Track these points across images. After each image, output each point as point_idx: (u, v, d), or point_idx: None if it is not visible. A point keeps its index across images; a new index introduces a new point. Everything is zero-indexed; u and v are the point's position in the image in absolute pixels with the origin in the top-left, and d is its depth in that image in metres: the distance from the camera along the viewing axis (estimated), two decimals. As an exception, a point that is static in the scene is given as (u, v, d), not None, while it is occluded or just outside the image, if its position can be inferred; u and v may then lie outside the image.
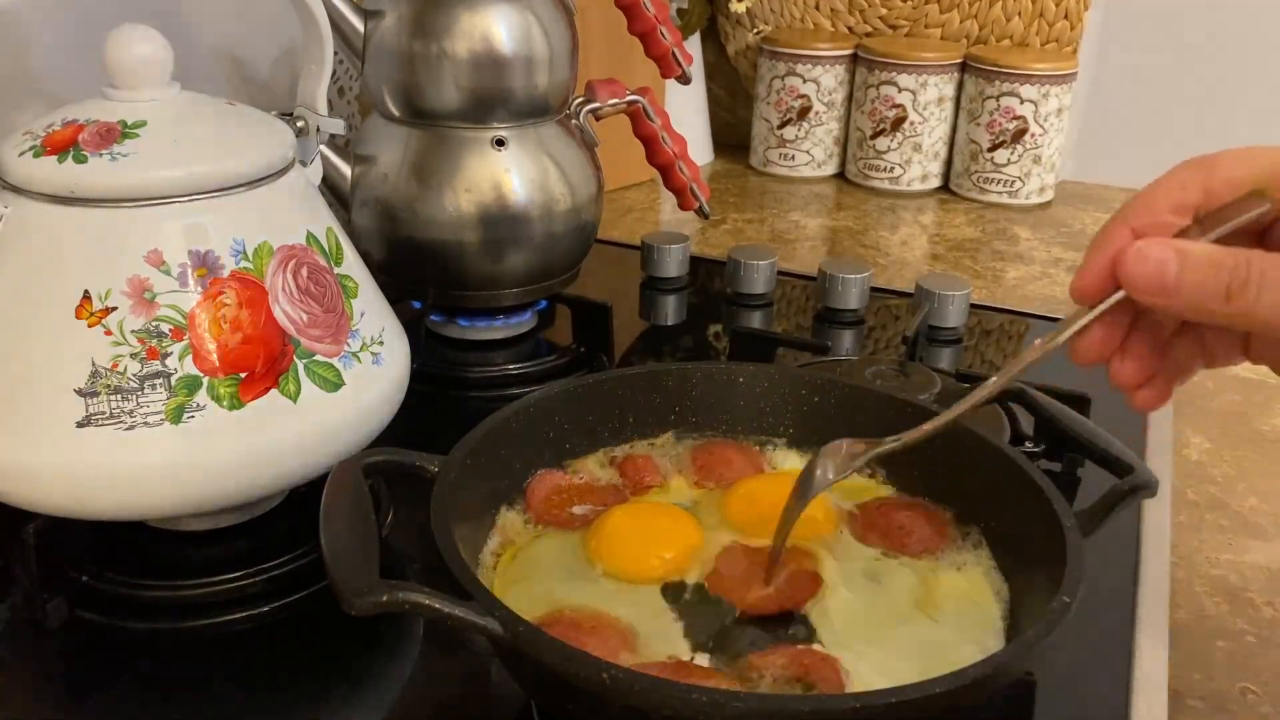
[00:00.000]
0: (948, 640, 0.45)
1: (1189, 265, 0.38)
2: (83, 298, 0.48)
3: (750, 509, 0.52)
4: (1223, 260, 0.38)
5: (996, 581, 0.48)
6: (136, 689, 0.48)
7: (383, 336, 0.57)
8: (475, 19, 0.71)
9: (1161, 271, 0.39)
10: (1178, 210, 0.41)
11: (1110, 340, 0.43)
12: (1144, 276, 0.39)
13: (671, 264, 0.94)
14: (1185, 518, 0.65)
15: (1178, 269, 0.38)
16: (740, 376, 0.58)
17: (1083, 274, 0.42)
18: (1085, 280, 0.42)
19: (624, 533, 0.50)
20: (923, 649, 0.44)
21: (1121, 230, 0.41)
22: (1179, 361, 0.44)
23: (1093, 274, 0.41)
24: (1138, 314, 0.43)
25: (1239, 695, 0.51)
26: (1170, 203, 0.41)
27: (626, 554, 0.49)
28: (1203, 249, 0.39)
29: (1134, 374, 0.43)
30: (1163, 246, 0.39)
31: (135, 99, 0.52)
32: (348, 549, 0.41)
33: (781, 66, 1.26)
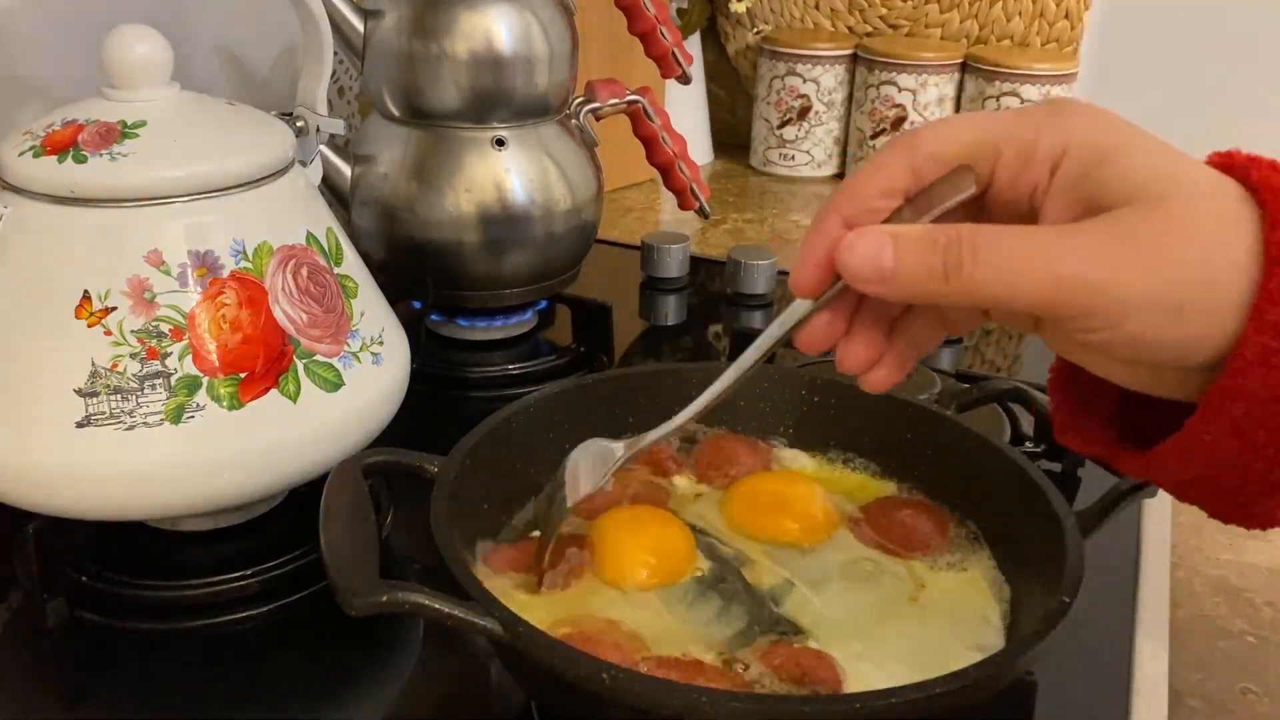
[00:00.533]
0: (945, 640, 0.45)
1: (903, 250, 0.37)
2: (83, 298, 0.48)
3: (751, 508, 0.52)
4: (935, 239, 0.37)
5: (997, 581, 0.48)
6: (136, 689, 0.48)
7: (383, 336, 0.57)
8: (475, 19, 0.71)
9: (877, 260, 0.37)
10: (886, 194, 0.39)
11: (835, 327, 0.42)
12: (859, 268, 0.38)
13: (671, 264, 0.94)
14: (1185, 518, 0.65)
15: (892, 256, 0.37)
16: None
17: (799, 270, 0.41)
18: (803, 276, 0.40)
19: (612, 542, 0.50)
20: (920, 648, 0.44)
21: (834, 220, 0.40)
22: (916, 338, 0.43)
23: (810, 268, 0.40)
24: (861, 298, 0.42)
25: (1239, 695, 0.51)
26: (878, 187, 0.39)
27: (617, 563, 0.49)
28: (915, 231, 0.38)
29: (861, 357, 0.42)
30: (875, 235, 0.38)
31: (135, 99, 0.52)
32: (348, 549, 0.41)
33: (781, 66, 1.26)
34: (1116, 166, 0.36)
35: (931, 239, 0.37)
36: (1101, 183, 0.36)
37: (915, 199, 0.39)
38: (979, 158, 0.39)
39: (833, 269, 0.39)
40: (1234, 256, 0.35)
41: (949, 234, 0.37)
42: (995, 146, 0.39)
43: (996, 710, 0.40)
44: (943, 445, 0.53)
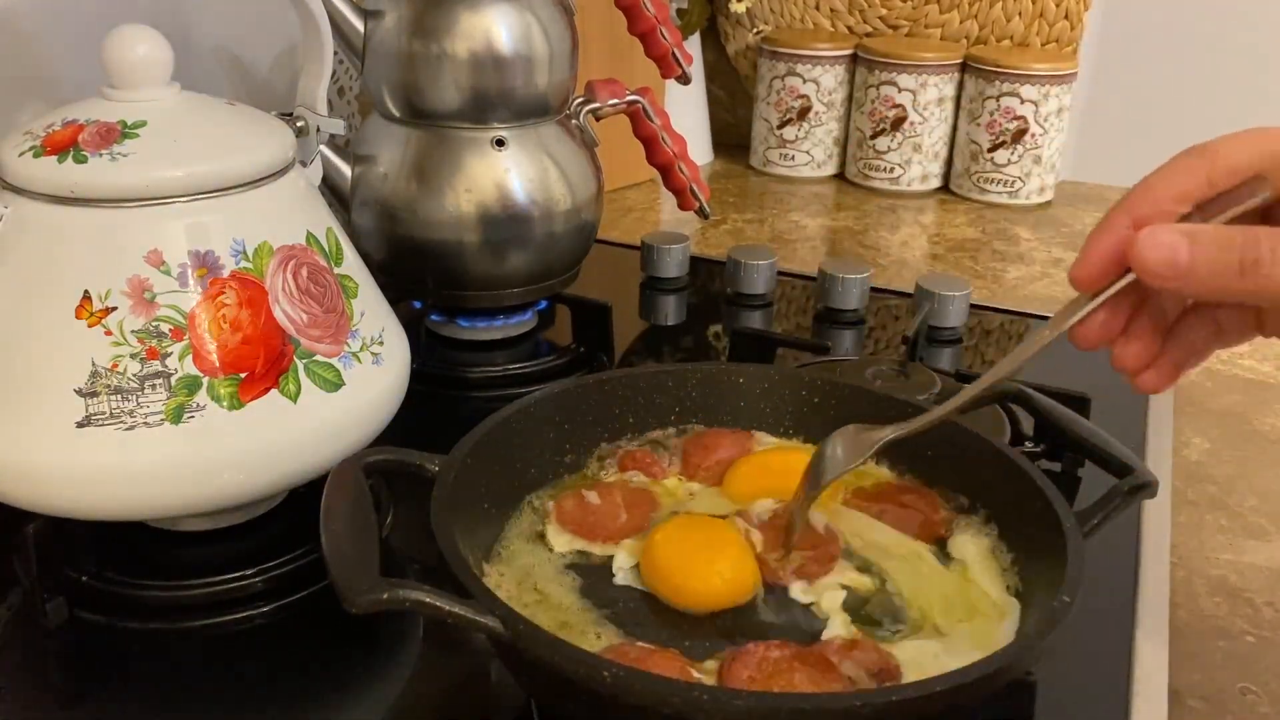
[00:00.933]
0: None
1: (1200, 246, 0.39)
2: (83, 298, 0.48)
3: (752, 483, 0.53)
4: (1232, 238, 0.38)
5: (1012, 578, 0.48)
6: (136, 689, 0.48)
7: (383, 336, 0.57)
8: (475, 19, 0.71)
9: (1173, 254, 0.39)
10: (1180, 199, 0.41)
11: (1113, 324, 0.44)
12: (1156, 260, 0.39)
13: (671, 264, 0.94)
14: (1185, 518, 0.65)
15: (1189, 250, 0.39)
16: (740, 377, 0.58)
17: (1083, 262, 0.42)
18: (1086, 268, 0.42)
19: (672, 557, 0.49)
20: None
21: (1123, 219, 0.41)
22: (1190, 343, 0.45)
23: (1094, 261, 0.42)
24: (1141, 298, 0.44)
25: (1239, 695, 0.51)
26: (1172, 192, 0.41)
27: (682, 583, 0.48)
28: (1212, 229, 0.39)
29: (1138, 356, 0.44)
30: (1171, 231, 0.40)
31: (135, 99, 0.52)
32: (348, 548, 0.41)
33: (781, 66, 1.26)
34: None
35: (1229, 237, 0.38)
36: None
37: (1205, 205, 0.41)
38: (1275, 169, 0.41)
39: (1116, 264, 0.41)
40: None
41: (1246, 233, 0.38)
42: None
43: (996, 710, 0.40)
44: (943, 445, 0.53)
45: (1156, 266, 0.40)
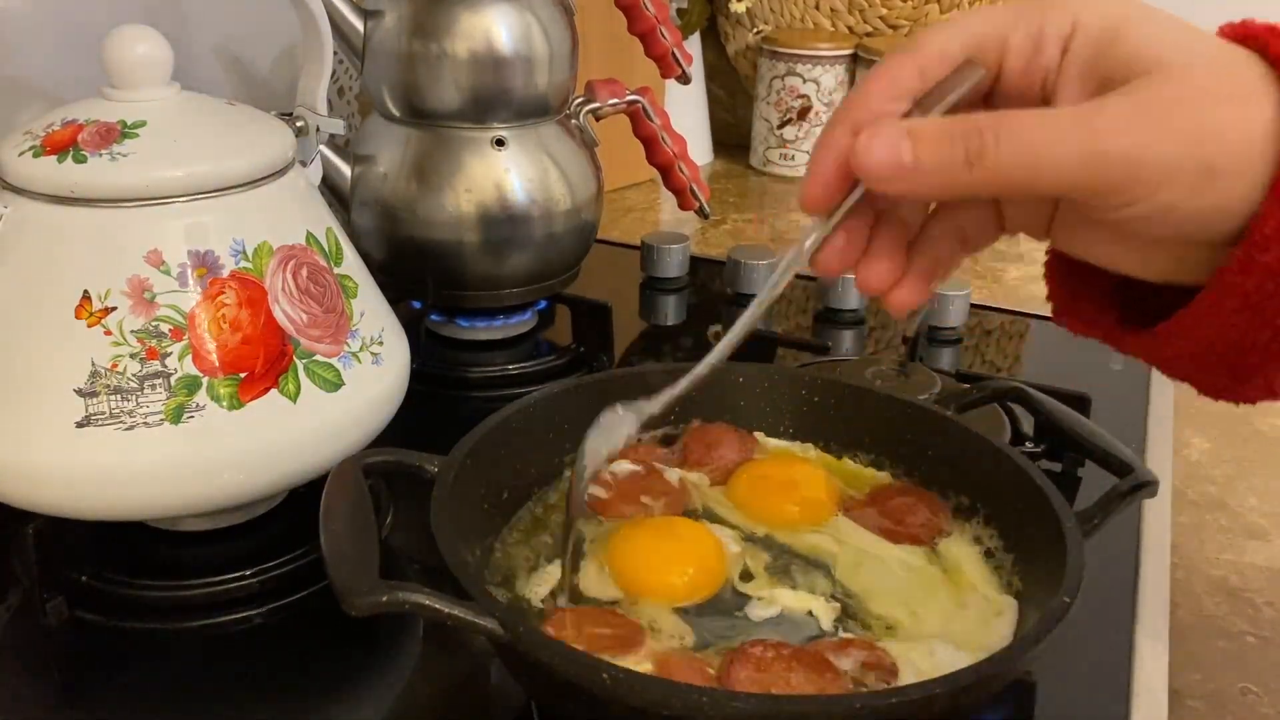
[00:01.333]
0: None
1: (922, 141, 0.37)
2: (82, 298, 0.48)
3: (754, 494, 0.53)
4: (953, 128, 0.36)
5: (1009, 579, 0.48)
6: (136, 689, 0.48)
7: (383, 336, 0.57)
8: (475, 19, 0.71)
9: (896, 154, 0.37)
10: (895, 97, 0.39)
11: (853, 246, 0.41)
12: (879, 164, 0.37)
13: (671, 264, 0.94)
14: (1185, 518, 0.65)
15: (911, 147, 0.37)
16: (740, 376, 0.58)
17: (810, 183, 0.40)
18: (813, 188, 0.40)
19: (636, 552, 0.49)
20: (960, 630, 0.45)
21: (841, 129, 0.39)
22: (936, 254, 0.42)
23: (821, 179, 0.39)
24: (878, 214, 0.41)
25: (1239, 695, 0.51)
26: (886, 93, 0.39)
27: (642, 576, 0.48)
28: (932, 123, 0.37)
29: (883, 275, 0.42)
30: (891, 130, 0.37)
31: (135, 99, 0.52)
32: (348, 549, 0.41)
33: (781, 66, 1.26)
34: (1130, 38, 0.36)
35: (950, 129, 0.36)
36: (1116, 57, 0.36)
37: (923, 99, 0.39)
38: (985, 49, 0.39)
39: (845, 180, 0.39)
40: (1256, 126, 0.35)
41: (968, 123, 0.36)
42: (1001, 36, 0.38)
43: (996, 710, 0.40)
44: (943, 445, 0.53)
45: (880, 169, 0.37)
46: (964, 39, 0.39)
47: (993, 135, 0.35)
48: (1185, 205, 0.35)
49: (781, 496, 0.53)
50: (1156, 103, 0.35)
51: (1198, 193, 0.35)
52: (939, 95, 0.39)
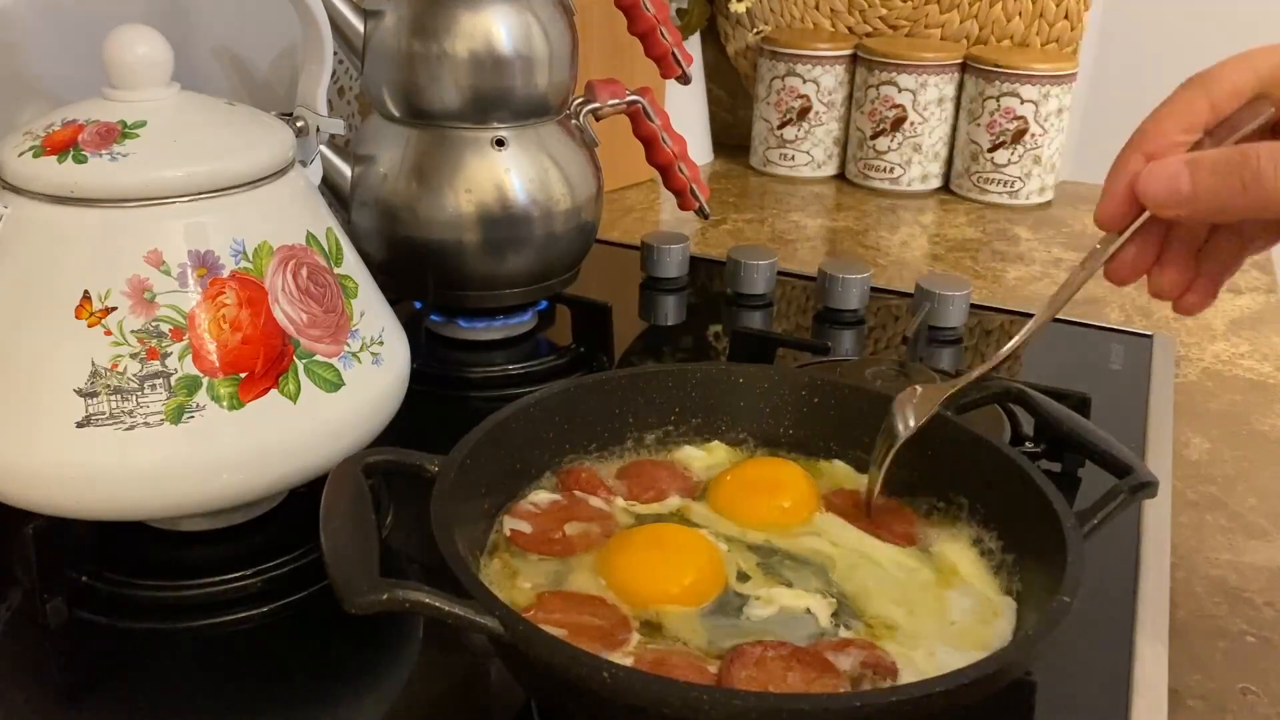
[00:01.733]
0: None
1: (1200, 171, 0.40)
2: (83, 298, 0.48)
3: (737, 497, 0.53)
4: (1230, 157, 0.40)
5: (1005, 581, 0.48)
6: (136, 689, 0.48)
7: (383, 336, 0.57)
8: (475, 19, 0.71)
9: (1175, 184, 0.41)
10: (1187, 129, 0.43)
11: (1144, 257, 0.46)
12: (1159, 192, 0.41)
13: (671, 264, 0.94)
14: (1185, 518, 0.65)
15: (1190, 178, 0.40)
16: (740, 377, 0.58)
17: (1104, 203, 0.44)
18: (1107, 208, 0.44)
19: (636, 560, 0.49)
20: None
21: (1135, 156, 0.43)
22: (1222, 259, 0.46)
23: (1113, 201, 0.44)
24: (1169, 226, 0.45)
25: (1239, 695, 0.51)
26: (1178, 124, 0.43)
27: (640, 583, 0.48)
28: (1211, 154, 0.41)
29: (1174, 282, 0.46)
30: (1171, 162, 0.41)
31: (135, 99, 0.52)
32: (348, 549, 0.41)
33: (781, 66, 1.26)
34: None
35: (1227, 158, 0.40)
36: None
37: (1214, 130, 0.42)
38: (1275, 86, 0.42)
39: (1134, 202, 0.43)
40: None
41: (1245, 151, 0.39)
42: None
43: (996, 710, 0.40)
44: (943, 446, 0.53)
45: (1161, 197, 0.41)
46: (1257, 75, 0.42)
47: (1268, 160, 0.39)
48: None
49: (766, 497, 0.53)
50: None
51: None
52: (1229, 130, 0.42)
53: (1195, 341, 0.88)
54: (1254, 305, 0.97)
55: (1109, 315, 0.93)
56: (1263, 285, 1.01)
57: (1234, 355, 0.86)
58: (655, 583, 0.47)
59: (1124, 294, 0.98)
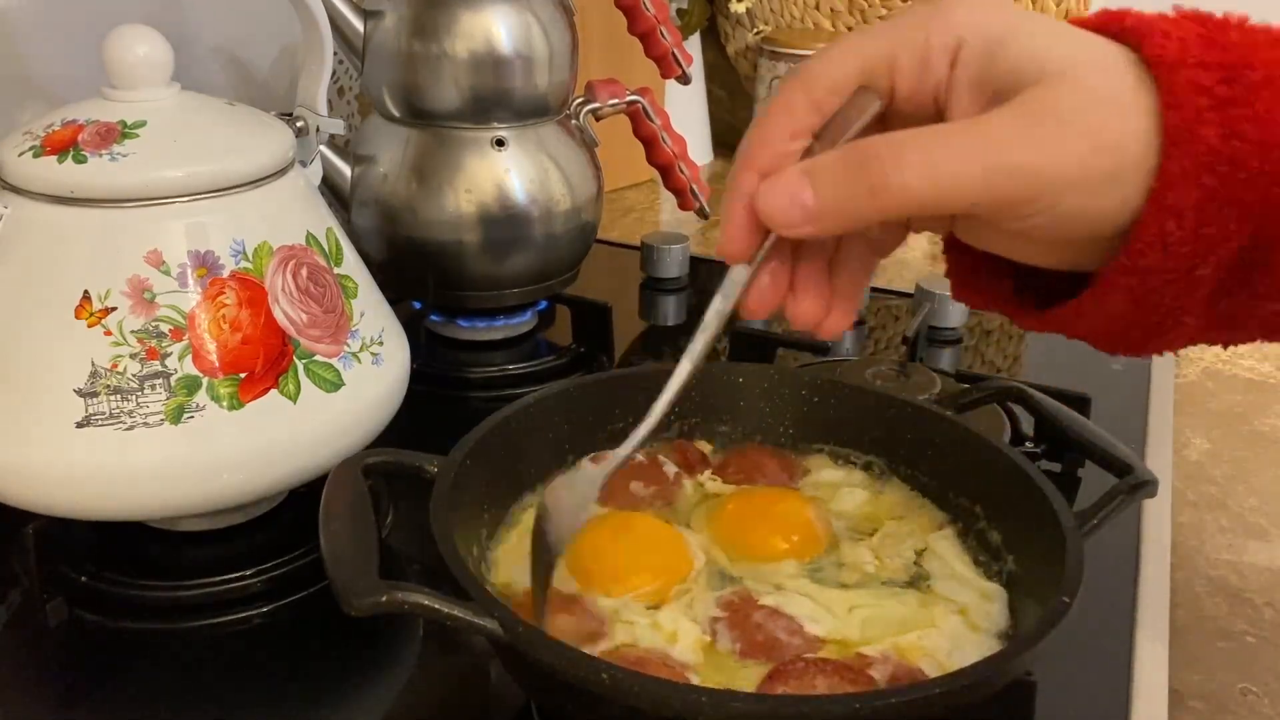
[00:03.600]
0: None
1: (821, 180, 0.36)
2: (83, 298, 0.48)
3: (737, 529, 0.52)
4: (849, 159, 0.35)
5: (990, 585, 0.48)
6: (136, 689, 0.48)
7: (383, 337, 0.57)
8: (475, 19, 0.71)
9: (797, 199, 0.36)
10: (794, 135, 0.38)
11: (778, 284, 0.40)
12: (781, 211, 0.36)
13: (671, 264, 0.94)
14: (1185, 518, 0.65)
15: (812, 189, 0.36)
16: (740, 377, 0.58)
17: (726, 232, 0.39)
18: (731, 239, 0.39)
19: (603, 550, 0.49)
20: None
21: (746, 175, 0.38)
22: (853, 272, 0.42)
23: (734, 229, 0.38)
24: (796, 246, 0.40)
25: (1239, 695, 0.51)
26: (784, 131, 0.38)
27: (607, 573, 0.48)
28: (828, 159, 0.36)
29: (815, 309, 0.41)
30: (789, 175, 0.37)
31: (135, 99, 0.52)
32: (347, 549, 0.41)
33: (781, 67, 1.26)
34: (1015, 48, 0.36)
35: (846, 161, 0.36)
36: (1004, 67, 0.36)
37: (822, 132, 0.38)
38: (876, 74, 0.38)
39: (759, 226, 0.38)
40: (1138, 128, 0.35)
41: (864, 150, 0.35)
42: (890, 57, 0.38)
43: (996, 710, 0.40)
44: (943, 445, 0.53)
45: (785, 216, 0.36)
46: (853, 66, 0.38)
47: (892, 159, 0.35)
48: (1091, 209, 0.35)
49: (765, 535, 0.51)
50: (1047, 113, 0.35)
51: (1101, 197, 0.35)
52: (839, 128, 0.38)
53: (1195, 341, 0.88)
54: (1254, 305, 0.96)
55: (1109, 315, 0.92)
56: (1263, 285, 1.00)
57: (1234, 355, 0.86)
58: (610, 570, 0.47)
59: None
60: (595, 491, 0.45)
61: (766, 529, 0.51)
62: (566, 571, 0.47)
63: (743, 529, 0.51)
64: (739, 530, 0.51)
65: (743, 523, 0.52)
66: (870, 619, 0.46)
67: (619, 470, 0.45)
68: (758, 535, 0.51)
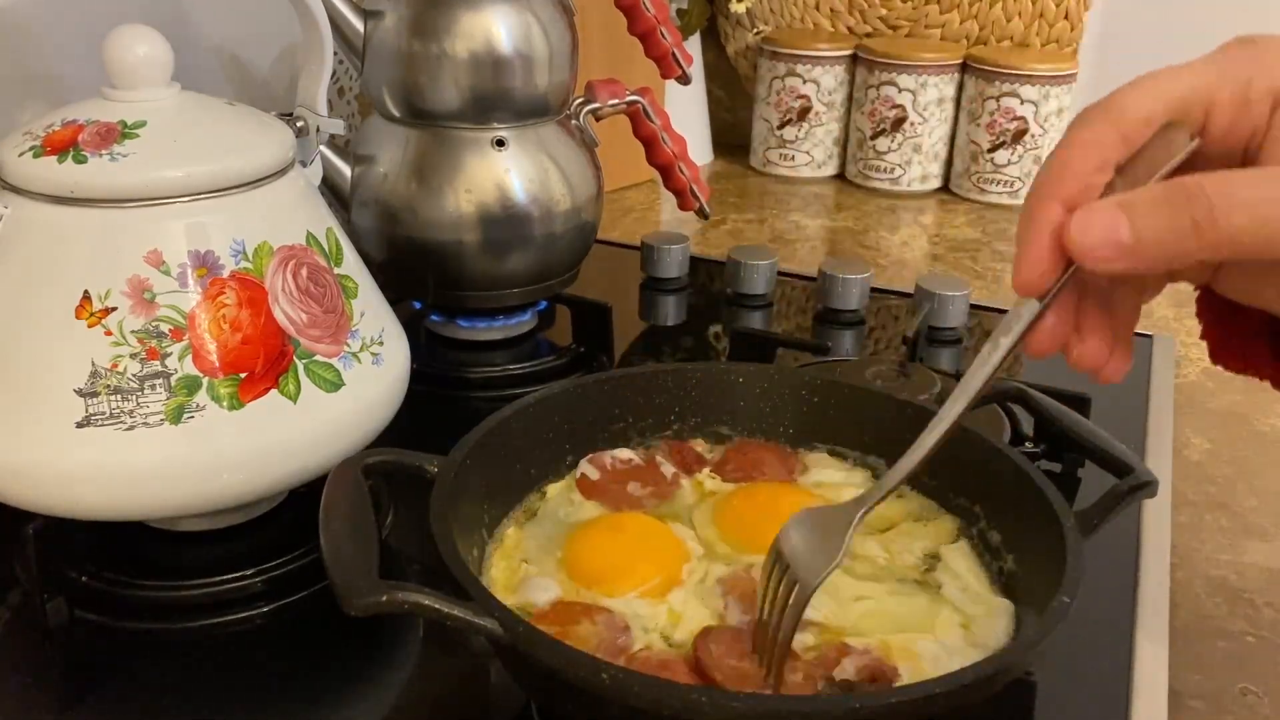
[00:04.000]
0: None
1: (1140, 215, 0.35)
2: (83, 298, 0.48)
3: (741, 523, 0.52)
4: (1171, 196, 0.34)
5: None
6: (136, 689, 0.48)
7: (383, 337, 0.57)
8: (475, 19, 0.71)
9: (1114, 233, 0.35)
10: (1100, 167, 0.37)
11: (1063, 324, 0.40)
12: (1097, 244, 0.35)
13: (671, 264, 0.94)
14: (1185, 518, 0.65)
15: (1129, 223, 0.35)
16: (740, 377, 0.58)
17: (1023, 265, 0.38)
18: (1029, 271, 0.38)
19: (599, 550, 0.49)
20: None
21: (1049, 205, 0.37)
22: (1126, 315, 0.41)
23: (1034, 261, 0.37)
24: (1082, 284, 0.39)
25: (1239, 695, 0.51)
26: (1090, 163, 0.37)
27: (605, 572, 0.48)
28: (1146, 193, 0.35)
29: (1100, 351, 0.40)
30: (1106, 209, 0.35)
31: (135, 99, 0.52)
32: (348, 549, 0.41)
33: (781, 67, 1.26)
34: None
35: (1168, 198, 0.34)
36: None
37: (1126, 168, 0.37)
38: (1190, 109, 0.37)
39: (1059, 259, 0.37)
40: None
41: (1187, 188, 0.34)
42: (1206, 94, 0.37)
43: (996, 710, 0.40)
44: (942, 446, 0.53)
45: (1099, 250, 0.35)
46: (1167, 100, 0.37)
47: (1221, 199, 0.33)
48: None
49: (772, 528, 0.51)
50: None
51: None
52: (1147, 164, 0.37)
53: (1195, 341, 0.88)
54: (1254, 305, 0.96)
55: (1109, 315, 0.92)
56: (1263, 285, 1.01)
57: (1234, 355, 0.86)
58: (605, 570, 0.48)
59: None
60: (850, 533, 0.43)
61: (773, 522, 0.51)
62: (568, 578, 0.47)
63: (747, 522, 0.51)
64: (744, 524, 0.51)
65: (747, 517, 0.52)
66: (871, 612, 0.46)
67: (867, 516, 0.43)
68: (764, 529, 0.51)
